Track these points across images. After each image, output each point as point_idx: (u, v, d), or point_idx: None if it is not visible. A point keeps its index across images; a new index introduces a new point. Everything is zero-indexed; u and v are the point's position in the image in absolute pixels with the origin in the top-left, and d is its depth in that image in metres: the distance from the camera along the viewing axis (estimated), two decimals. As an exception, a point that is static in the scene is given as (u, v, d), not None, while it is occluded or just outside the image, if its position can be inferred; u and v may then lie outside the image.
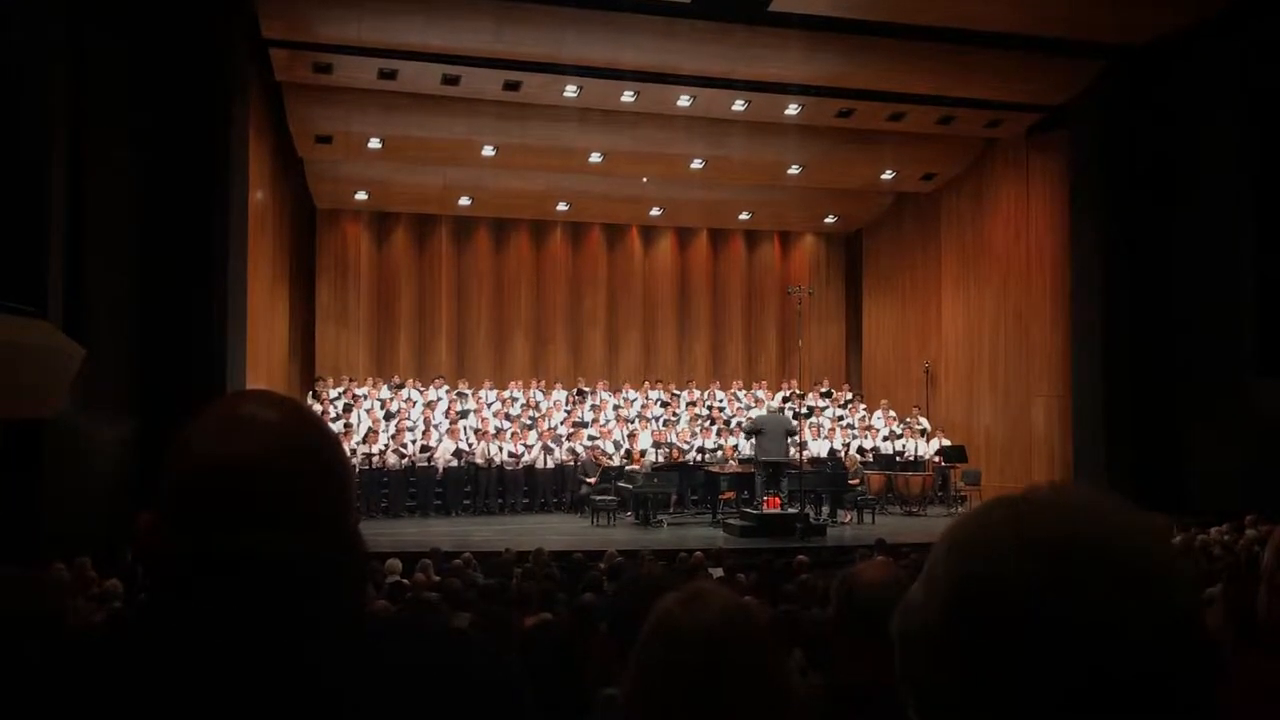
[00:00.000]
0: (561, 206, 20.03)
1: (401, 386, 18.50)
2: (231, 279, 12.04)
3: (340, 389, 18.03)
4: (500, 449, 16.47)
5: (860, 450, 17.56)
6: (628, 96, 15.46)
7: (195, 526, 0.97)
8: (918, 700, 0.76)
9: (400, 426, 16.62)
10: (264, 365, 15.07)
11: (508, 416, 17.56)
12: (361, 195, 18.99)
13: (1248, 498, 11.11)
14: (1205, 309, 14.06)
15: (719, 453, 16.60)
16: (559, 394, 18.98)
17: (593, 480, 15.77)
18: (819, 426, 18.02)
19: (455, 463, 16.25)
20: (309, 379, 18.94)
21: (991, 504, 0.79)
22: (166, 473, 1.01)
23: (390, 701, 0.96)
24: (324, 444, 1.05)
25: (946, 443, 17.66)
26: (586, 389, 19.07)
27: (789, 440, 14.24)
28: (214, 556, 0.96)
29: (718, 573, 8.60)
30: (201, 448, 1.00)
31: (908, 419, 18.60)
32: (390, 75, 14.61)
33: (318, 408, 17.24)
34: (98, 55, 10.23)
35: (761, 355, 22.07)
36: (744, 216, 21.25)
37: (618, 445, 17.01)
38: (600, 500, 14.89)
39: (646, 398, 19.22)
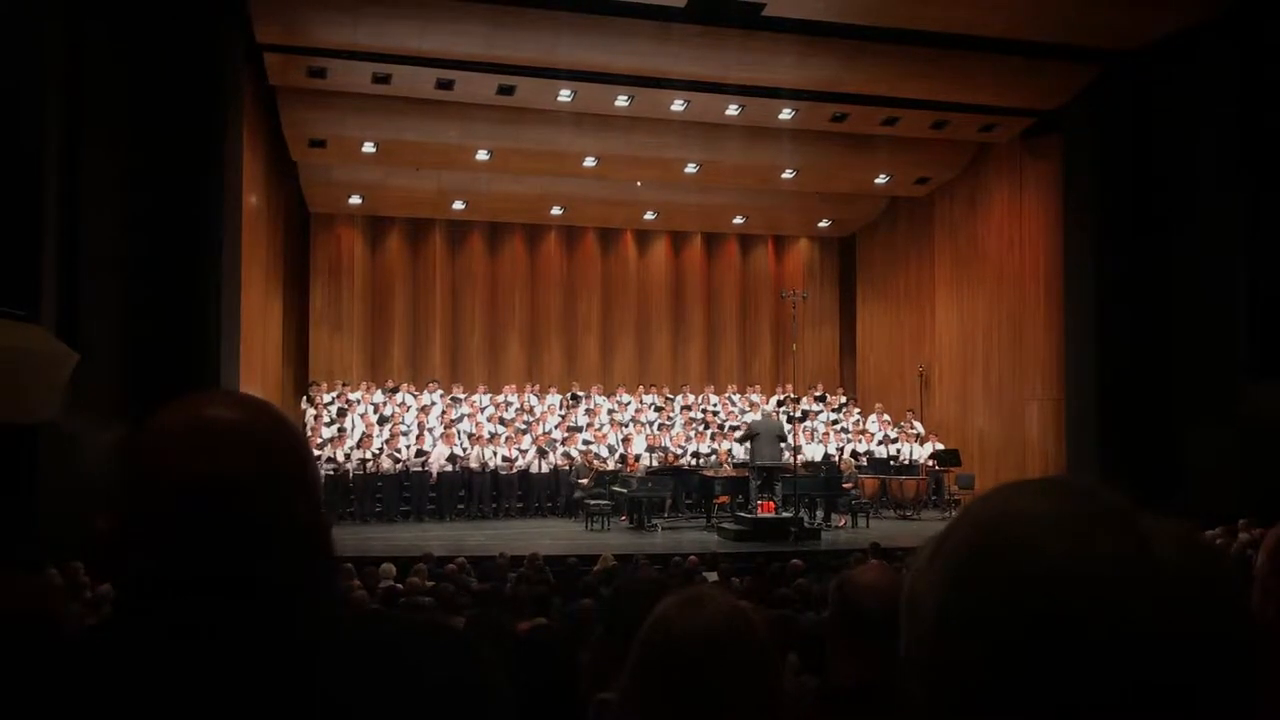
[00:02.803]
0: (556, 210, 20.03)
1: (396, 391, 18.46)
2: (225, 283, 12.01)
3: (334, 393, 17.99)
4: (494, 453, 16.44)
5: (854, 454, 17.55)
6: (622, 101, 15.46)
7: (161, 548, 0.93)
8: (931, 695, 0.73)
9: (394, 431, 16.59)
10: (258, 370, 15.04)
11: (502, 421, 17.54)
12: (355, 199, 18.97)
13: (1243, 501, 11.11)
14: (1199, 312, 14.06)
15: (713, 457, 16.59)
16: (553, 398, 18.96)
17: (584, 481, 15.76)
18: (813, 431, 18.02)
19: (449, 467, 16.20)
20: (303, 383, 18.90)
21: (1017, 495, 0.75)
22: (126, 482, 0.96)
23: (366, 703, 0.94)
24: (291, 448, 1.00)
25: (940, 447, 17.66)
26: (581, 393, 19.05)
27: (781, 445, 14.24)
28: (182, 580, 0.92)
29: (712, 577, 8.61)
30: (166, 461, 0.95)
31: (902, 423, 18.60)
32: (384, 79, 14.59)
33: (311, 412, 17.23)
34: (92, 59, 10.21)
35: (756, 359, 22.07)
36: (738, 221, 21.27)
37: (612, 449, 17.00)
38: (594, 504, 14.86)
39: (641, 402, 19.22)
